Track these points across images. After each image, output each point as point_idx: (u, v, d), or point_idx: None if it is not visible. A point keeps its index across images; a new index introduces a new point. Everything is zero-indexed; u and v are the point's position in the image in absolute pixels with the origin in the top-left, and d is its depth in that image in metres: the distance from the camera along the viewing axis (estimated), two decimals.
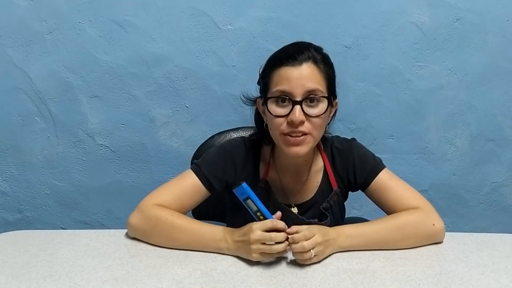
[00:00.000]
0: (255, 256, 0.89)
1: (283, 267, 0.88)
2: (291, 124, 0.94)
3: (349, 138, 1.13)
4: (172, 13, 1.56)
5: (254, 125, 1.13)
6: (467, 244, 1.00)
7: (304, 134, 0.95)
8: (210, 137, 1.37)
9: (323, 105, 0.95)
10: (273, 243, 0.88)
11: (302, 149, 0.96)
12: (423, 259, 0.92)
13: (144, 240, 0.99)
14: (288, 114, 0.94)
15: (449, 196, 1.75)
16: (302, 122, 0.94)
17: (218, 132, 1.38)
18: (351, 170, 1.08)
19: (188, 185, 1.04)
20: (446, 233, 1.02)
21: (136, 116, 1.64)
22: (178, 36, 1.57)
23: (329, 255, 0.93)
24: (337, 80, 1.04)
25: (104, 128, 1.65)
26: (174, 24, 1.57)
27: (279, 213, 0.94)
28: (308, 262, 0.89)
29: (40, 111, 1.63)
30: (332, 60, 1.03)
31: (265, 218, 0.91)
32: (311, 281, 0.83)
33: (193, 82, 1.61)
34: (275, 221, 0.90)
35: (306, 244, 0.87)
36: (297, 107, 0.93)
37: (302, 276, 0.85)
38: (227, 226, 1.22)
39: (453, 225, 1.72)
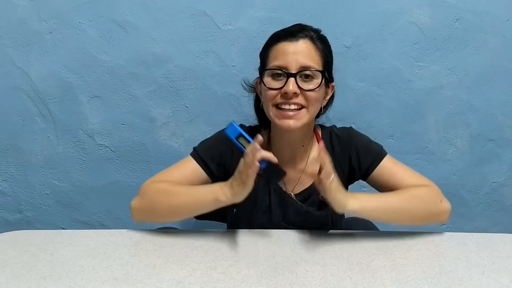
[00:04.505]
0: (249, 183, 0.87)
1: (283, 267, 0.88)
2: (284, 96, 0.95)
3: (348, 126, 1.13)
4: (172, 13, 1.56)
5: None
6: (467, 244, 1.00)
7: (299, 108, 0.96)
8: None
9: (317, 81, 0.97)
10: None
11: (295, 123, 0.96)
12: (423, 259, 0.92)
13: (148, 220, 1.00)
14: (282, 87, 0.95)
15: (449, 196, 1.71)
16: (296, 95, 0.95)
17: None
18: (355, 156, 1.07)
19: (187, 169, 1.06)
20: (446, 233, 1.02)
21: (136, 116, 1.64)
22: (178, 36, 1.57)
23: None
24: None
25: (104, 128, 1.65)
26: (174, 24, 1.56)
27: (260, 137, 0.89)
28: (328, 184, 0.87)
29: (40, 111, 1.63)
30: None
31: None
32: (311, 281, 0.83)
33: (193, 82, 1.61)
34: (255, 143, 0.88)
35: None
36: (291, 79, 0.94)
37: (302, 276, 0.85)
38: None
39: (453, 225, 1.72)
